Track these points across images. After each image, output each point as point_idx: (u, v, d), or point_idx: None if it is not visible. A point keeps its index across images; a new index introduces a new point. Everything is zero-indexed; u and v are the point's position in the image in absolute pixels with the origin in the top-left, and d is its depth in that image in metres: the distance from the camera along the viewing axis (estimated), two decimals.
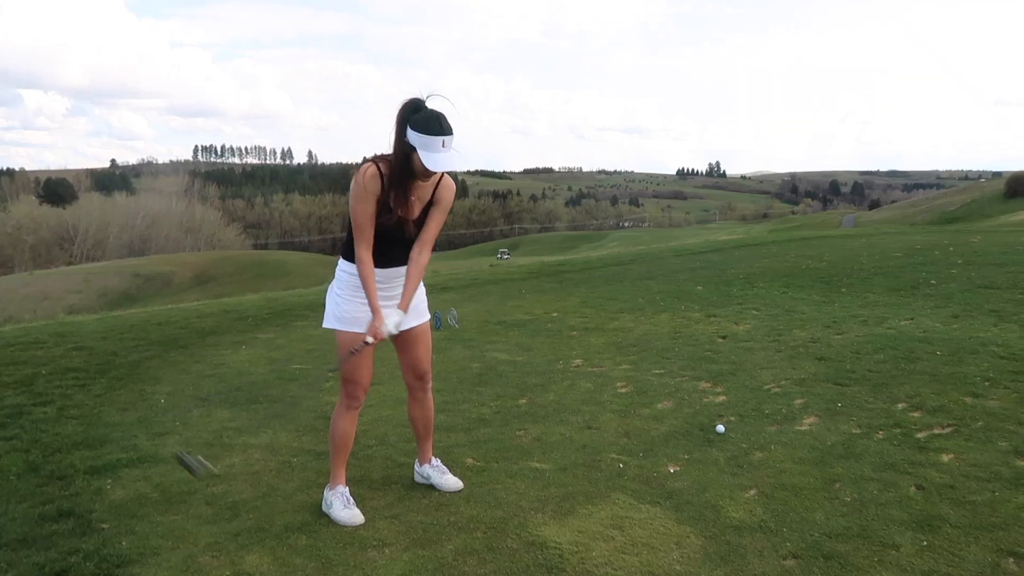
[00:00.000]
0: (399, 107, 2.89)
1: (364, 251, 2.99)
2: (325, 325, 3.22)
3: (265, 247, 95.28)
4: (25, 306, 34.72)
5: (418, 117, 2.85)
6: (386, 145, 2.96)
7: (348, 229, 3.08)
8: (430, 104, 2.90)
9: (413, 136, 2.83)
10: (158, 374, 5.66)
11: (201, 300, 12.76)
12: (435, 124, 2.83)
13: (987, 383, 4.65)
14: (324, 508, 3.22)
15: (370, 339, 3.01)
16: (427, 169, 2.85)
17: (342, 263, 3.16)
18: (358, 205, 2.97)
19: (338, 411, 3.28)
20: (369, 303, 3.02)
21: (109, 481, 3.58)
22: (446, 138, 2.83)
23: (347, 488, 3.25)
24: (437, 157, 2.83)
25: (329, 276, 3.33)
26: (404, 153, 2.88)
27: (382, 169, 2.94)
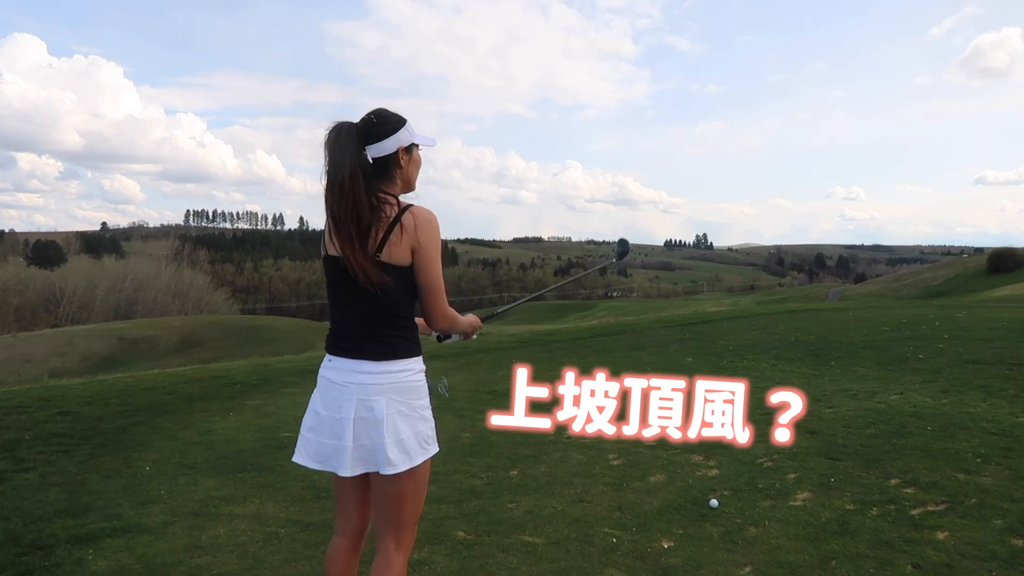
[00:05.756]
0: (354, 137, 2.20)
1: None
2: (433, 452, 2.33)
3: (253, 312, 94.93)
4: (7, 368, 34.25)
5: (386, 118, 2.27)
6: None
7: (407, 314, 2.29)
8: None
9: (403, 134, 2.26)
10: (144, 440, 5.57)
11: (186, 365, 12.64)
12: (395, 114, 2.30)
13: (979, 459, 4.65)
14: None
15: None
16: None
17: (410, 364, 2.28)
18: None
19: (404, 562, 2.35)
20: (464, 320, 2.47)
21: (91, 551, 3.49)
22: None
23: None
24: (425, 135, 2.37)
25: (317, 343, 2.43)
26: (407, 164, 2.31)
27: None
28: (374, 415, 2.20)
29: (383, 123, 2.24)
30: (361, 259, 2.15)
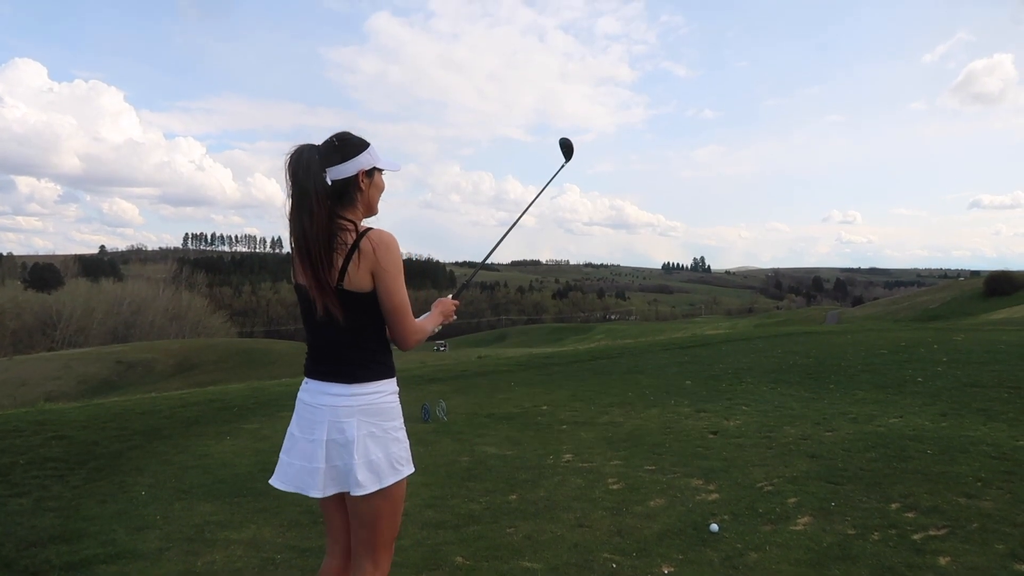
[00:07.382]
0: (316, 159, 2.20)
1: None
2: (406, 473, 2.30)
3: (251, 335, 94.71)
4: (2, 392, 34.12)
5: (348, 141, 2.27)
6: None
7: (377, 336, 2.29)
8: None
9: (365, 158, 2.26)
10: (140, 465, 5.53)
11: (183, 388, 12.59)
12: (358, 137, 2.29)
13: (980, 483, 4.62)
14: None
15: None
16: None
17: (381, 387, 2.26)
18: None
19: None
20: (433, 322, 2.49)
21: None
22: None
23: None
24: (391, 158, 2.36)
25: None
26: (368, 187, 2.30)
27: None
28: (345, 437, 2.19)
29: (345, 145, 2.24)
30: (319, 291, 2.16)
